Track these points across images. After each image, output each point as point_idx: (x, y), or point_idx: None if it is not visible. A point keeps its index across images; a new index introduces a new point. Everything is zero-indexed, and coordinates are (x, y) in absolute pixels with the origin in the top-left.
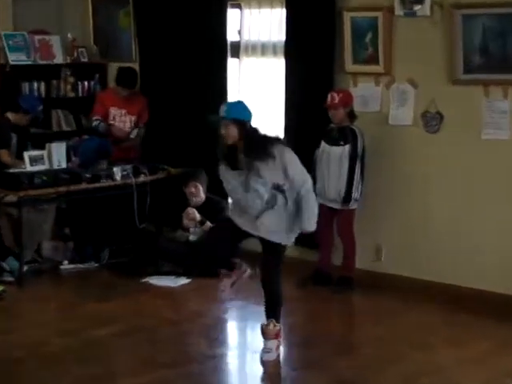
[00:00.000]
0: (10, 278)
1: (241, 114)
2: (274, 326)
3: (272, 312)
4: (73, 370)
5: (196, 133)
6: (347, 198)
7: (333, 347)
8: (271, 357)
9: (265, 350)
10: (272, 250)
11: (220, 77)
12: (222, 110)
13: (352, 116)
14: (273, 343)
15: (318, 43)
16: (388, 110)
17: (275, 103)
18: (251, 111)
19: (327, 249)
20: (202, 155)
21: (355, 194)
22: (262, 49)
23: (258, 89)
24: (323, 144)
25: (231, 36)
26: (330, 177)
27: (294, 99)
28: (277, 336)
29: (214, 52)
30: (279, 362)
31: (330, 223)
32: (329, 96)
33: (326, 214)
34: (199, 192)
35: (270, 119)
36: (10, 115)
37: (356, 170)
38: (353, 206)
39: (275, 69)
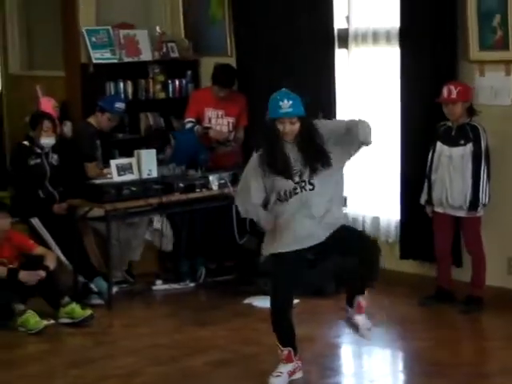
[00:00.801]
0: (99, 301)
1: (303, 109)
2: None
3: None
4: None
5: None
6: (475, 203)
7: (461, 377)
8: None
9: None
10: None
11: (327, 70)
12: (286, 105)
13: (471, 112)
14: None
15: (438, 28)
16: None
17: (389, 99)
18: None
19: (446, 263)
20: None
21: (483, 199)
22: (374, 37)
23: (370, 83)
24: (440, 146)
25: (338, 23)
26: (452, 182)
27: (411, 94)
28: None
29: (319, 42)
30: None
31: (451, 234)
32: (444, 89)
33: (447, 224)
34: None
35: (383, 117)
36: (91, 120)
37: (482, 172)
38: (480, 212)
39: (389, 59)
